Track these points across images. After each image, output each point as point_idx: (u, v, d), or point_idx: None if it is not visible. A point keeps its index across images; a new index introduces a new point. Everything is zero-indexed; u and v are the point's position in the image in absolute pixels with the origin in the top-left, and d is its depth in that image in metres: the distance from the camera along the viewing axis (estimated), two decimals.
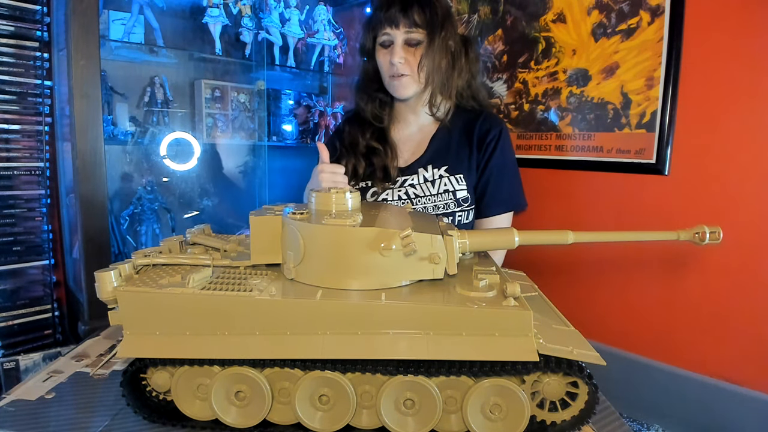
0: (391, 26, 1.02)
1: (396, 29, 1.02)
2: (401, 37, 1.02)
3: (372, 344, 0.58)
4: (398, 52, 1.02)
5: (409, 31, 1.01)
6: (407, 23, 1.01)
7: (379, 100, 1.13)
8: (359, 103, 1.16)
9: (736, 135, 1.05)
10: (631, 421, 1.16)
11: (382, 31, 1.03)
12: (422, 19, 1.01)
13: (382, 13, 1.02)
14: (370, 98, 1.13)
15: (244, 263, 0.70)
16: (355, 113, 1.18)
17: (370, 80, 1.13)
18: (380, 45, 1.06)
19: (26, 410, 0.68)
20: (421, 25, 1.01)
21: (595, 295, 1.29)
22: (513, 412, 0.60)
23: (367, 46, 1.09)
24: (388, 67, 1.05)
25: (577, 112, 1.29)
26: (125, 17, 1.40)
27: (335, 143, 1.16)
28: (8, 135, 1.28)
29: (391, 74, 1.05)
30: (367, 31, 1.07)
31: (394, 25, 1.01)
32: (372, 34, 1.06)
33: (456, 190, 1.06)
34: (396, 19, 1.01)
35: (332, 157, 1.14)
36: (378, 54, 1.07)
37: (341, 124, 1.22)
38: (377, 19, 1.04)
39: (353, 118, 1.18)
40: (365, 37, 1.08)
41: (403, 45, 1.03)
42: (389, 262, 0.61)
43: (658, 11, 1.13)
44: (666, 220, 1.16)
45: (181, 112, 1.63)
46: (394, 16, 1.01)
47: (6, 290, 1.31)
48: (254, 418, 0.63)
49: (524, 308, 0.57)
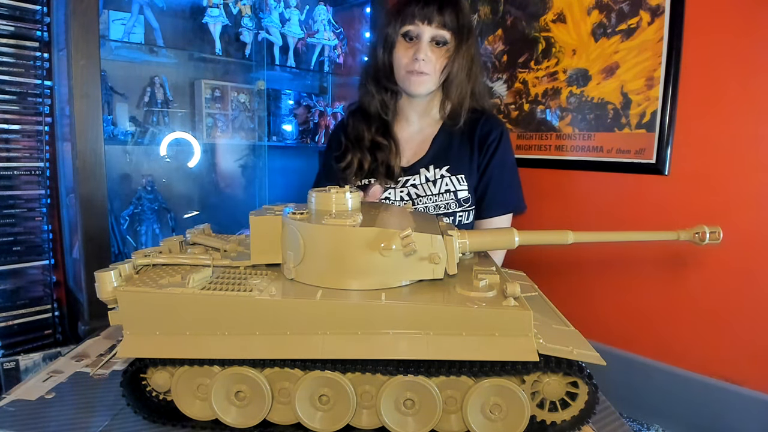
0: (424, 21, 1.01)
1: (428, 25, 1.01)
2: (430, 33, 1.02)
3: (372, 344, 0.57)
4: (424, 48, 1.02)
5: (439, 30, 1.02)
6: (440, 22, 1.01)
7: (391, 91, 1.12)
8: (364, 96, 1.14)
9: (736, 135, 1.05)
10: (631, 421, 1.17)
11: (411, 24, 1.02)
12: (454, 22, 1.02)
13: (416, 7, 1.02)
14: (378, 90, 1.12)
15: (244, 263, 0.70)
16: (359, 107, 1.17)
17: (386, 71, 1.10)
18: (403, 36, 1.05)
19: (26, 410, 0.68)
20: (452, 27, 1.02)
21: (595, 295, 1.29)
22: (513, 412, 0.60)
23: (390, 37, 1.07)
24: (408, 61, 1.04)
25: (577, 112, 1.29)
26: (125, 17, 1.40)
27: (340, 137, 1.15)
28: (8, 135, 1.28)
29: (410, 69, 1.04)
30: (395, 21, 1.05)
31: (427, 20, 1.01)
32: (399, 25, 1.04)
33: (457, 190, 1.06)
34: (430, 16, 1.01)
35: (337, 151, 1.14)
36: (398, 46, 1.05)
37: (345, 118, 1.21)
38: (409, 12, 1.03)
39: (357, 111, 1.17)
40: (391, 27, 1.06)
41: (430, 42, 1.02)
42: (389, 262, 0.61)
43: (658, 11, 1.13)
44: (666, 220, 1.16)
45: (181, 112, 1.63)
46: (429, 12, 1.01)
47: (6, 290, 1.31)
48: (254, 418, 0.63)
49: (524, 308, 0.57)
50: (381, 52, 1.09)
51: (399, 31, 1.04)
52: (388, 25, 1.07)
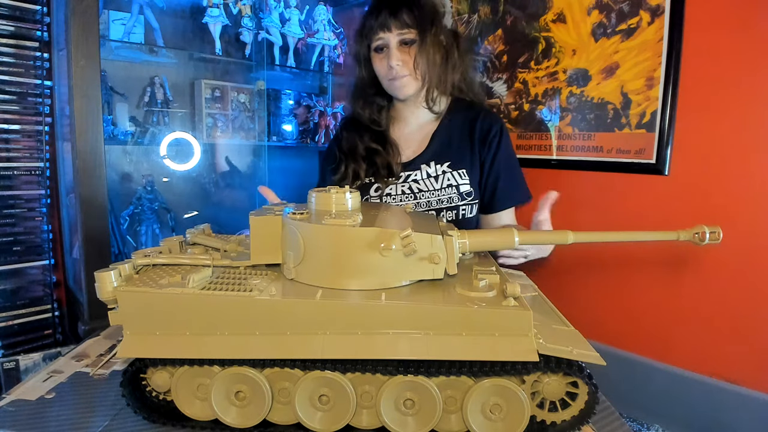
0: (384, 30, 1.04)
1: (389, 32, 1.04)
2: (395, 39, 1.04)
3: (372, 344, 0.57)
4: (395, 55, 1.04)
5: (402, 32, 1.04)
6: (399, 25, 1.03)
7: (377, 105, 1.15)
8: (355, 109, 1.17)
9: (736, 135, 1.05)
10: (631, 421, 1.17)
11: (375, 37, 1.05)
12: (412, 18, 1.03)
13: (373, 19, 1.05)
14: (366, 103, 1.15)
15: (244, 263, 0.70)
16: (351, 118, 1.20)
17: (367, 86, 1.14)
18: (375, 51, 1.08)
19: (26, 410, 0.68)
20: (412, 24, 1.03)
21: (595, 295, 1.29)
22: (513, 412, 0.60)
23: (361, 54, 1.10)
24: (386, 71, 1.06)
25: (577, 112, 1.29)
26: (125, 17, 1.40)
27: (334, 151, 1.17)
28: (8, 135, 1.28)
29: (390, 77, 1.06)
30: (361, 39, 1.09)
31: (386, 28, 1.03)
32: (365, 41, 1.08)
33: (459, 184, 1.07)
34: (387, 23, 1.03)
35: (331, 164, 1.16)
36: (374, 60, 1.09)
37: (338, 132, 1.24)
38: (369, 26, 1.06)
39: (350, 123, 1.19)
40: (359, 46, 1.10)
41: (398, 46, 1.04)
42: (389, 262, 0.61)
43: (658, 11, 1.13)
44: (666, 220, 1.16)
45: (181, 112, 1.63)
46: (385, 21, 1.03)
47: (6, 290, 1.31)
48: (254, 418, 0.63)
49: (524, 308, 0.57)
50: (359, 70, 1.12)
51: (370, 47, 1.08)
52: (359, 44, 1.10)
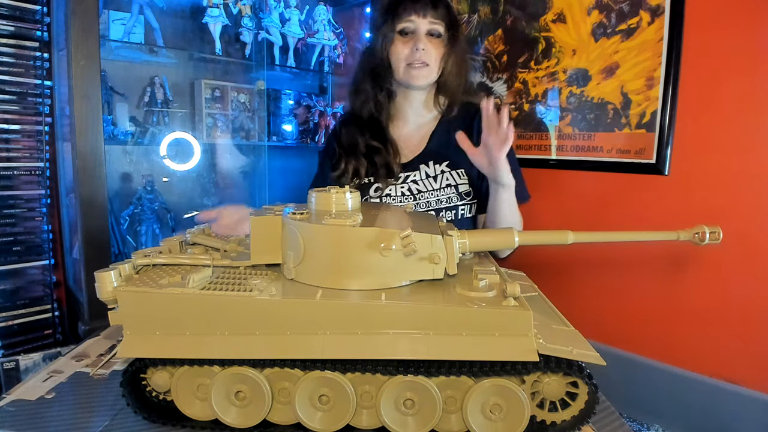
0: (418, 14, 1.04)
1: (422, 18, 1.04)
2: (426, 26, 1.04)
3: (372, 344, 0.58)
4: (423, 39, 1.04)
5: (434, 22, 1.04)
6: (434, 14, 1.04)
7: (386, 91, 1.13)
8: (357, 101, 1.16)
9: (736, 135, 1.05)
10: (631, 421, 1.16)
11: (406, 18, 1.05)
12: (446, 15, 1.05)
13: (410, 2, 1.05)
14: (374, 89, 1.13)
15: (244, 263, 0.70)
16: (350, 114, 1.18)
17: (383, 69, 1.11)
18: (399, 33, 1.07)
19: (26, 410, 0.68)
20: (445, 20, 1.05)
21: (595, 295, 1.29)
22: (513, 412, 0.60)
23: (385, 34, 1.08)
24: (407, 55, 1.05)
25: (577, 112, 1.29)
26: (125, 17, 1.40)
27: (333, 146, 1.16)
28: (8, 135, 1.28)
29: (410, 61, 1.06)
30: (389, 18, 1.07)
31: (421, 13, 1.04)
32: (394, 21, 1.06)
33: (458, 184, 1.07)
34: (425, 9, 1.04)
35: (331, 160, 1.15)
36: (396, 42, 1.07)
37: (336, 128, 1.22)
38: (403, 7, 1.05)
39: (349, 119, 1.18)
40: (387, 26, 1.08)
41: (426, 35, 1.05)
42: (389, 262, 0.61)
43: (658, 11, 1.13)
44: (666, 220, 1.16)
45: (181, 112, 1.63)
46: (423, 6, 1.04)
47: (6, 290, 1.30)
48: (254, 418, 0.63)
49: (524, 308, 0.57)
50: (380, 50, 1.10)
51: (395, 29, 1.06)
52: (384, 24, 1.08)
